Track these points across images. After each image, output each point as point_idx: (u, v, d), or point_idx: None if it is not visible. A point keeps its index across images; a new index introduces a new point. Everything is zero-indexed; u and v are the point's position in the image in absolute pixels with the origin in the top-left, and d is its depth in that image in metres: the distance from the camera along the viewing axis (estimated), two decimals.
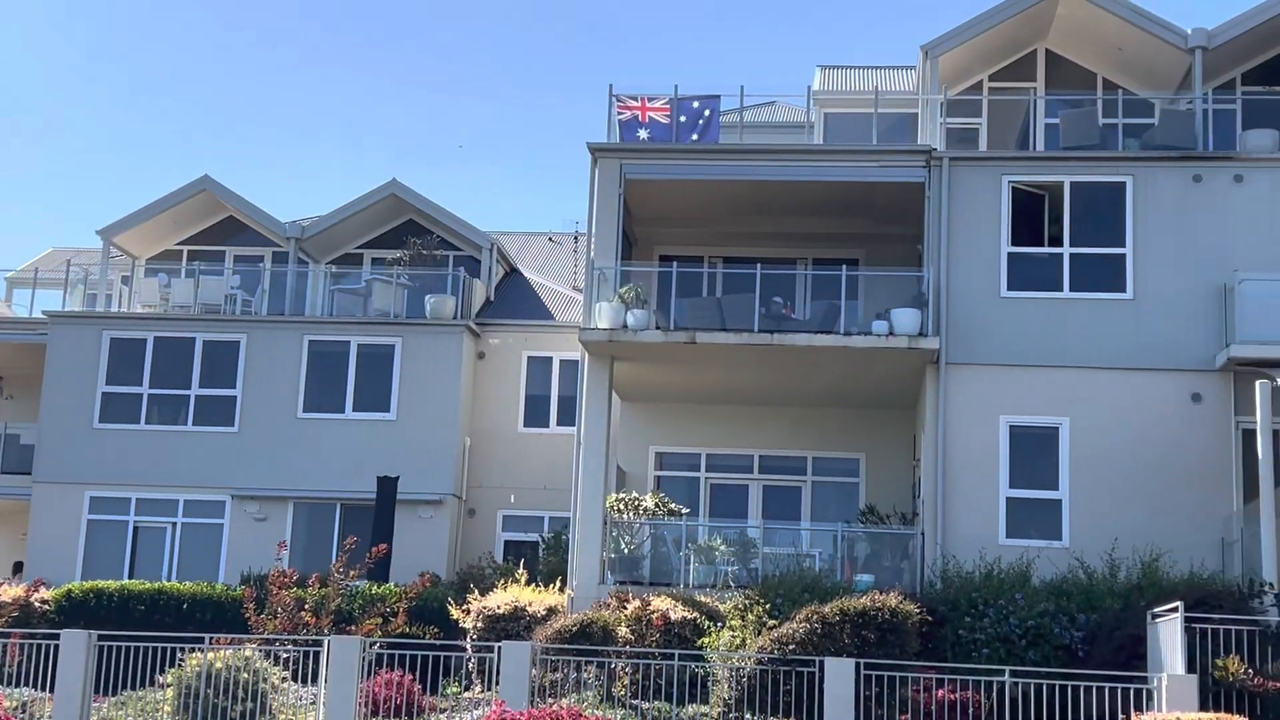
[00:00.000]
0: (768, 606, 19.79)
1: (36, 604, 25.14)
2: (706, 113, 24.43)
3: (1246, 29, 24.23)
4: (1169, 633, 17.32)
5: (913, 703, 17.31)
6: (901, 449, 26.17)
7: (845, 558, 22.93)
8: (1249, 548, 20.28)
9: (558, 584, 23.39)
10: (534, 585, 23.30)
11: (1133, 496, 21.92)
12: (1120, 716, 16.28)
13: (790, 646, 18.00)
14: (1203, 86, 24.04)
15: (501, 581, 23.63)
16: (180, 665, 18.04)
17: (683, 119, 24.47)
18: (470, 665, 20.13)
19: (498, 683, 17.70)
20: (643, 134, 24.57)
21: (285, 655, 19.35)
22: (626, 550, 23.32)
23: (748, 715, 17.61)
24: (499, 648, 17.95)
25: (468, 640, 20.92)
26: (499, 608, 21.65)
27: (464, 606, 22.29)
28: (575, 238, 34.76)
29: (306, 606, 21.38)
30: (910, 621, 18.56)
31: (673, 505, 24.12)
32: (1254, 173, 22.77)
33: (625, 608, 20.38)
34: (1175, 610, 17.09)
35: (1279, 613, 18.05)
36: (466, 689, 19.71)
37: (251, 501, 29.27)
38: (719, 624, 20.02)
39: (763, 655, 17.98)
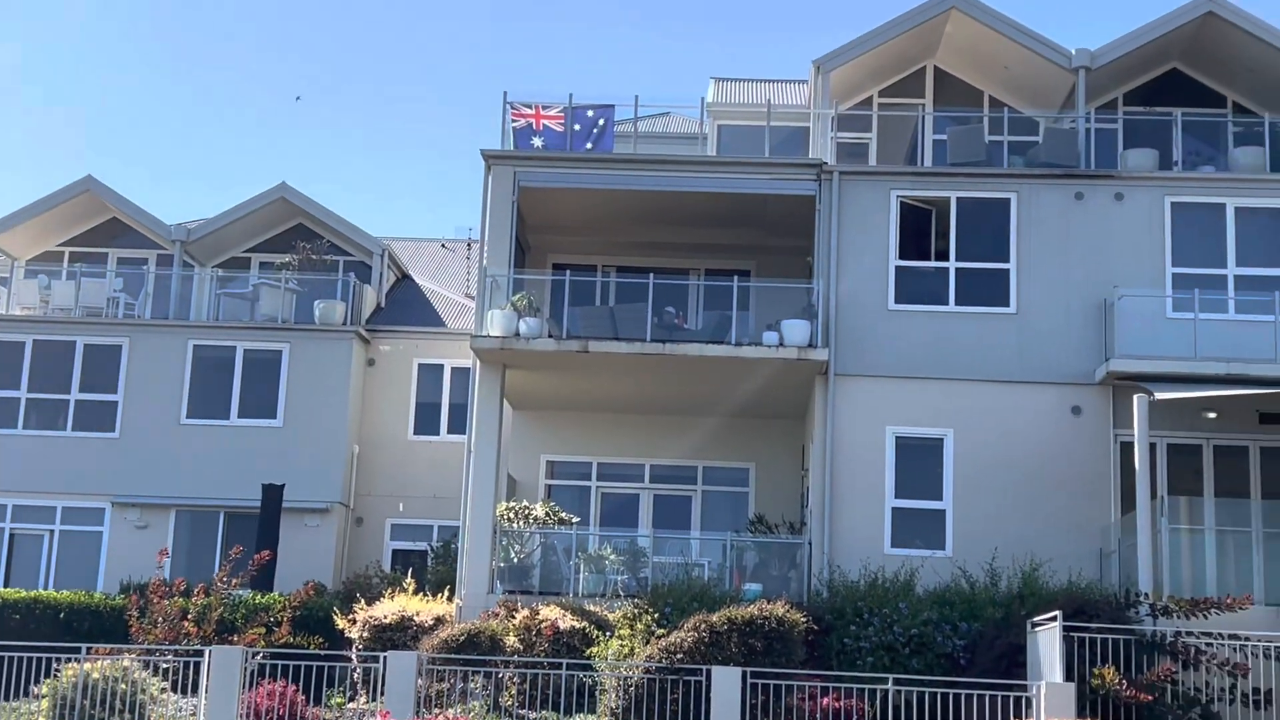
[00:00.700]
0: (656, 615, 19.83)
1: None
2: (601, 122, 24.47)
3: (1128, 50, 24.84)
4: (1048, 642, 17.66)
5: (798, 711, 17.45)
6: (790, 459, 26.41)
7: (734, 567, 23.07)
8: (1126, 558, 20.76)
9: (446, 593, 23.24)
10: (422, 595, 23.14)
11: (1014, 507, 22.34)
12: None
13: (678, 655, 18.05)
14: (1086, 106, 24.59)
15: (389, 591, 23.44)
16: (56, 676, 17.61)
17: (577, 127, 24.49)
18: (355, 675, 19.92)
19: (383, 693, 17.52)
20: (537, 142, 24.55)
21: (165, 666, 18.96)
22: (516, 559, 23.22)
23: None
24: (384, 657, 17.77)
25: (353, 650, 20.69)
26: (385, 617, 21.45)
27: (350, 616, 22.05)
28: (468, 245, 34.60)
29: (189, 616, 21.00)
30: (796, 630, 18.71)
31: (563, 514, 24.08)
32: (1134, 191, 23.35)
33: (514, 617, 20.31)
34: (1054, 619, 17.43)
35: (1154, 623, 18.46)
36: (351, 699, 19.50)
37: (132, 509, 28.70)
38: (608, 633, 20.01)
39: (650, 664, 18.02)
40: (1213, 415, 22.40)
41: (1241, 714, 17.90)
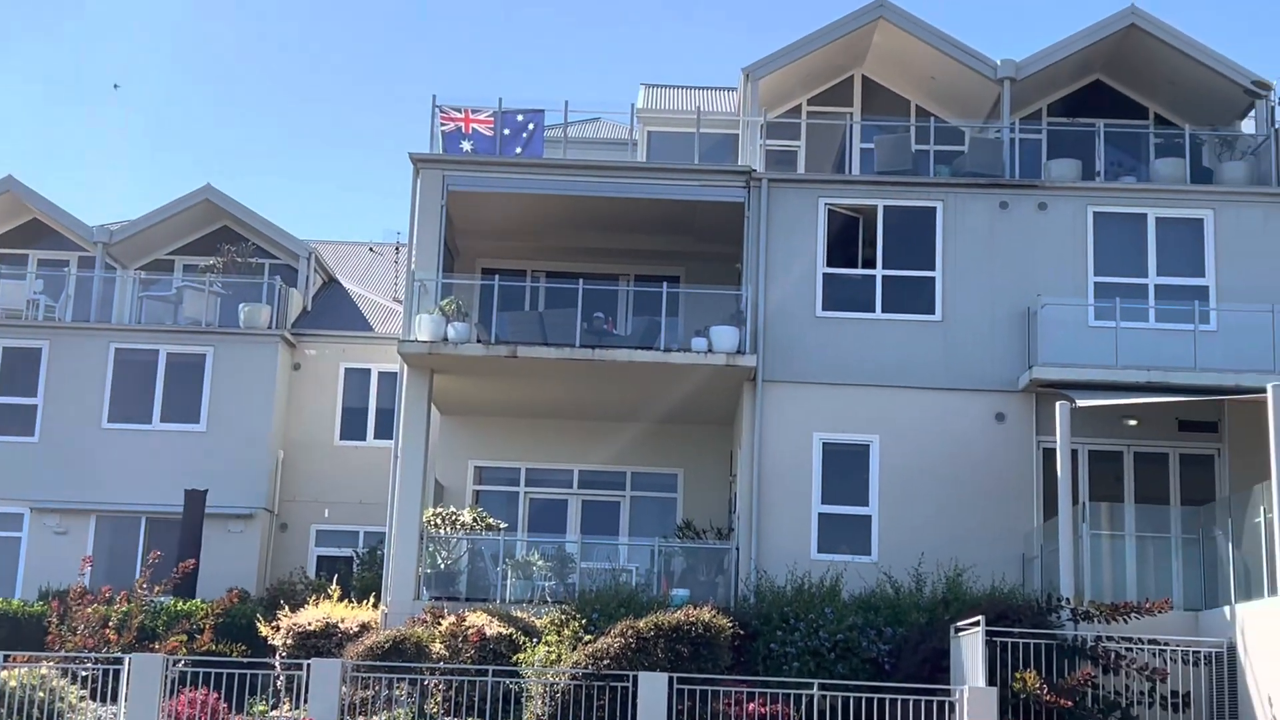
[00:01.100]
0: (584, 622, 19.80)
1: None
2: (530, 126, 24.43)
3: (1052, 62, 25.18)
4: (971, 646, 17.84)
5: (724, 716, 17.50)
6: (719, 465, 26.49)
7: (662, 572, 23.10)
8: (1048, 563, 21.02)
9: (372, 600, 23.08)
10: (347, 601, 22.98)
11: (939, 513, 22.55)
12: None
13: (605, 661, 18.05)
14: (1010, 116, 24.91)
15: (313, 597, 23.26)
16: None
17: (506, 132, 24.43)
18: (279, 683, 19.70)
19: (306, 701, 17.39)
20: (466, 146, 24.46)
21: (85, 674, 18.68)
22: (443, 565, 23.11)
23: None
24: (308, 665, 17.64)
25: (277, 658, 20.48)
26: (310, 624, 21.28)
27: (274, 623, 21.86)
28: (396, 248, 34.39)
29: (109, 623, 20.70)
30: (723, 636, 18.77)
31: (491, 520, 23.99)
32: (1057, 201, 23.67)
33: (440, 624, 20.21)
34: (977, 624, 17.60)
35: (1075, 627, 18.69)
36: (274, 707, 19.29)
37: (51, 514, 28.22)
38: (535, 639, 19.97)
39: (577, 670, 17.99)
40: (1133, 422, 22.76)
41: (1160, 717, 18.17)
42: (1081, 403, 20.83)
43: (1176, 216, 23.56)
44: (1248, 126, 25.47)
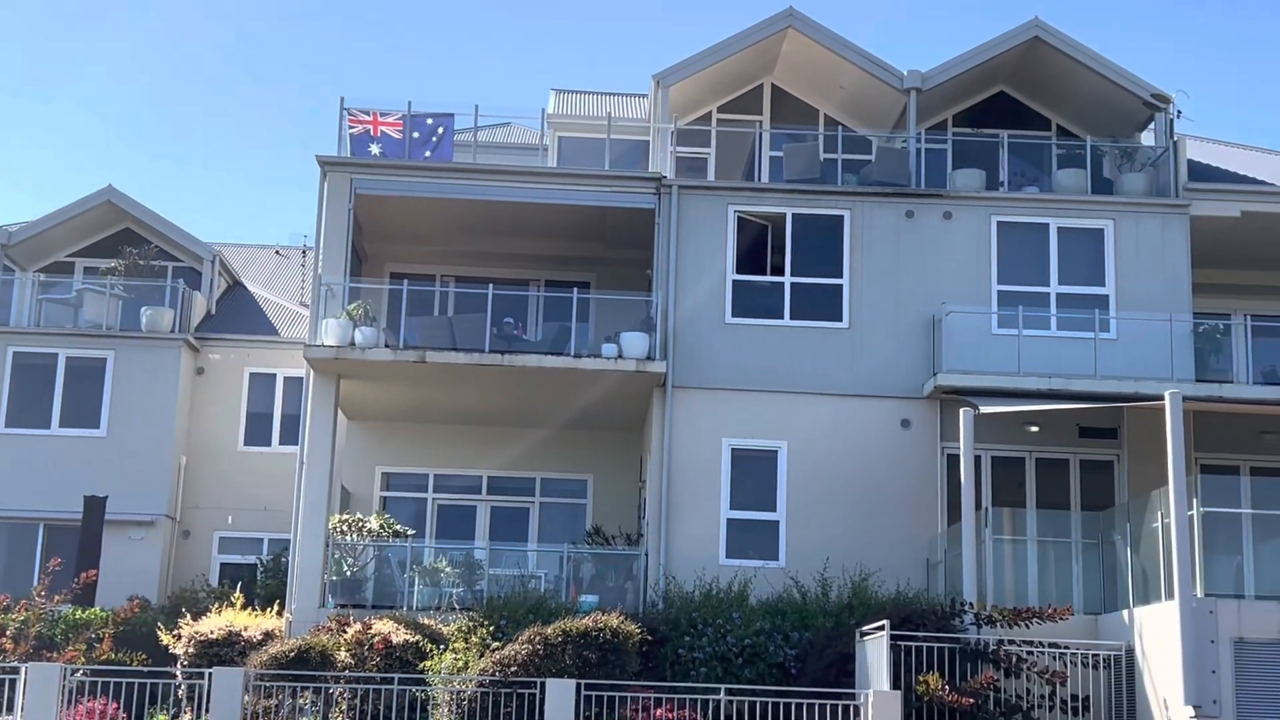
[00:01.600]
0: (491, 628, 19.73)
1: None
2: (440, 130, 24.30)
3: (957, 73, 25.51)
4: (876, 650, 18.01)
5: None
6: (629, 470, 26.51)
7: (571, 579, 23.08)
8: (952, 568, 21.28)
9: (276, 608, 22.78)
10: (251, 610, 22.67)
11: (846, 518, 22.75)
12: None
13: (512, 668, 17.98)
14: (917, 126, 25.20)
15: (216, 606, 22.94)
16: None
17: (416, 135, 24.29)
18: (180, 693, 19.41)
19: (208, 710, 17.14)
20: (375, 149, 24.28)
21: None
22: (349, 573, 22.89)
23: None
24: (210, 674, 17.39)
25: (178, 667, 20.16)
26: (212, 633, 20.97)
27: (175, 632, 21.49)
28: (303, 252, 34.00)
29: (6, 632, 20.25)
30: (631, 641, 18.78)
31: (398, 527, 23.80)
32: (962, 210, 24.00)
33: (346, 631, 20.02)
34: (882, 629, 17.78)
35: (977, 631, 18.94)
36: (175, 717, 19.02)
37: None
38: (442, 647, 19.84)
39: (484, 678, 17.91)
40: (1035, 429, 23.14)
41: None
42: (985, 409, 21.14)
43: (1078, 226, 24.00)
44: (1147, 138, 26.00)
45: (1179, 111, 24.85)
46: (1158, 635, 17.85)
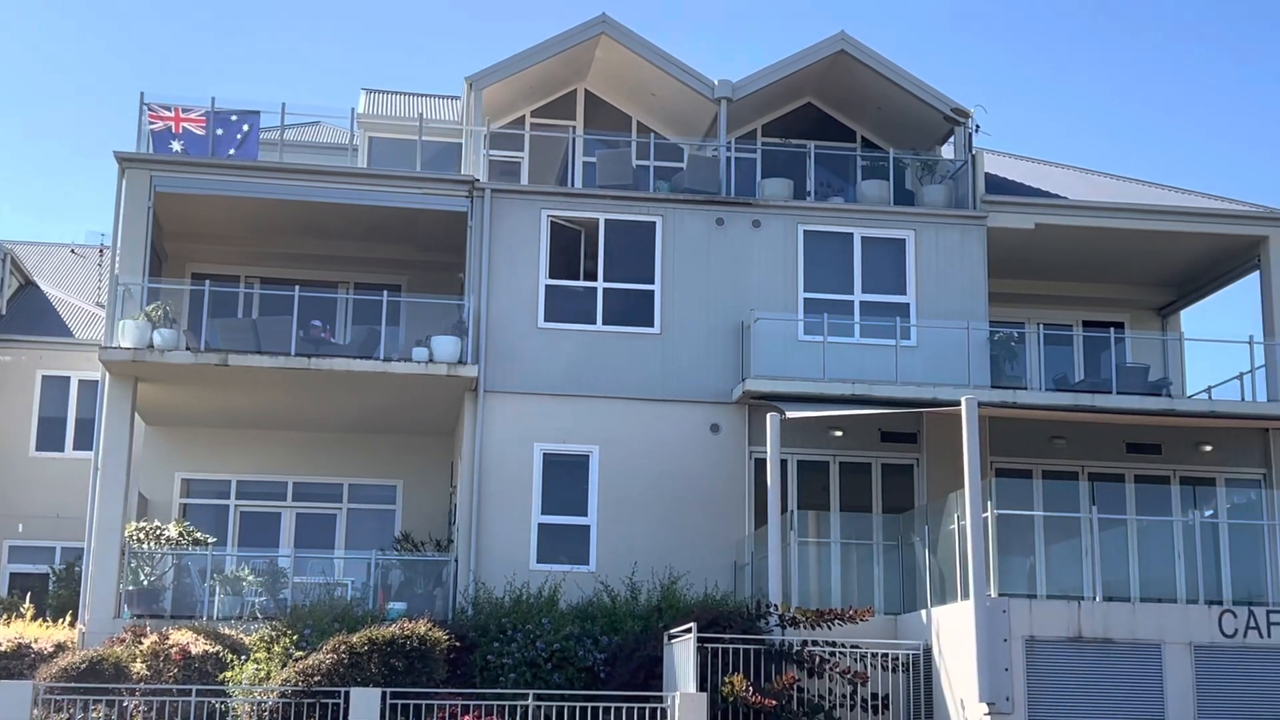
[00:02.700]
0: (296, 637, 19.33)
1: None
2: (245, 128, 23.75)
3: (766, 84, 25.92)
4: (683, 653, 18.16)
5: None
6: (439, 476, 26.25)
7: (379, 586, 22.75)
8: (758, 570, 21.60)
9: (69, 618, 21.99)
10: (42, 620, 21.92)
11: (656, 522, 22.92)
12: None
13: (316, 678, 17.64)
14: (727, 135, 25.54)
15: (5, 617, 22.07)
16: None
17: (220, 132, 23.69)
18: None
19: None
20: (176, 146, 23.62)
21: None
22: (146, 582, 22.18)
23: None
24: None
25: None
26: (0, 645, 20.10)
27: None
28: (101, 251, 32.88)
29: None
30: (439, 648, 18.60)
31: (199, 534, 23.15)
32: (770, 218, 24.41)
33: (142, 642, 19.40)
34: (689, 631, 17.94)
35: (782, 633, 19.25)
36: None
37: None
38: (244, 657, 19.35)
39: (287, 688, 17.53)
40: (839, 433, 23.65)
41: (861, 719, 18.86)
42: (791, 414, 21.51)
43: (881, 236, 24.61)
44: (948, 152, 26.81)
45: (977, 126, 25.69)
46: (954, 634, 18.38)
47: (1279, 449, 24.80)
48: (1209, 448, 24.71)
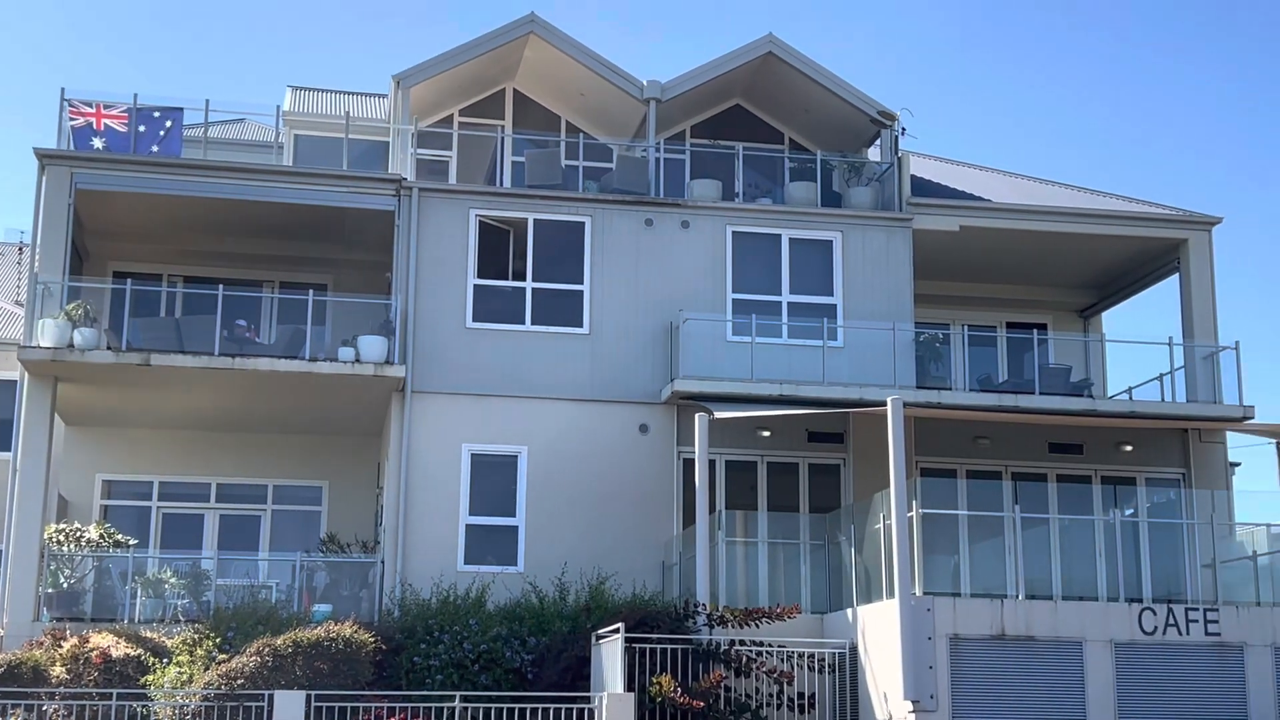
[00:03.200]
0: (219, 640, 19.11)
1: None
2: (168, 124, 23.46)
3: (695, 85, 25.99)
4: (611, 653, 18.16)
5: None
6: (366, 477, 26.07)
7: (304, 588, 22.55)
8: (686, 570, 21.64)
9: None
10: None
11: (585, 522, 22.92)
12: None
13: (239, 681, 17.51)
14: (656, 136, 25.58)
15: None
16: None
17: (142, 129, 23.38)
18: None
19: None
20: (98, 142, 23.28)
21: None
22: (66, 585, 21.82)
23: None
24: None
25: None
26: None
27: None
28: (19, 249, 32.24)
29: None
30: (365, 651, 18.49)
31: (120, 536, 22.80)
32: (699, 219, 24.48)
33: (61, 646, 19.11)
34: (617, 631, 17.94)
35: (710, 632, 19.30)
36: None
37: None
38: (166, 660, 19.11)
39: (209, 691, 17.34)
40: (767, 433, 23.76)
41: (788, 718, 18.96)
42: (719, 414, 21.58)
43: (808, 238, 24.76)
44: (874, 154, 27.02)
45: (904, 129, 25.92)
46: (879, 633, 18.53)
47: (1198, 449, 25.23)
48: (1130, 448, 25.10)
